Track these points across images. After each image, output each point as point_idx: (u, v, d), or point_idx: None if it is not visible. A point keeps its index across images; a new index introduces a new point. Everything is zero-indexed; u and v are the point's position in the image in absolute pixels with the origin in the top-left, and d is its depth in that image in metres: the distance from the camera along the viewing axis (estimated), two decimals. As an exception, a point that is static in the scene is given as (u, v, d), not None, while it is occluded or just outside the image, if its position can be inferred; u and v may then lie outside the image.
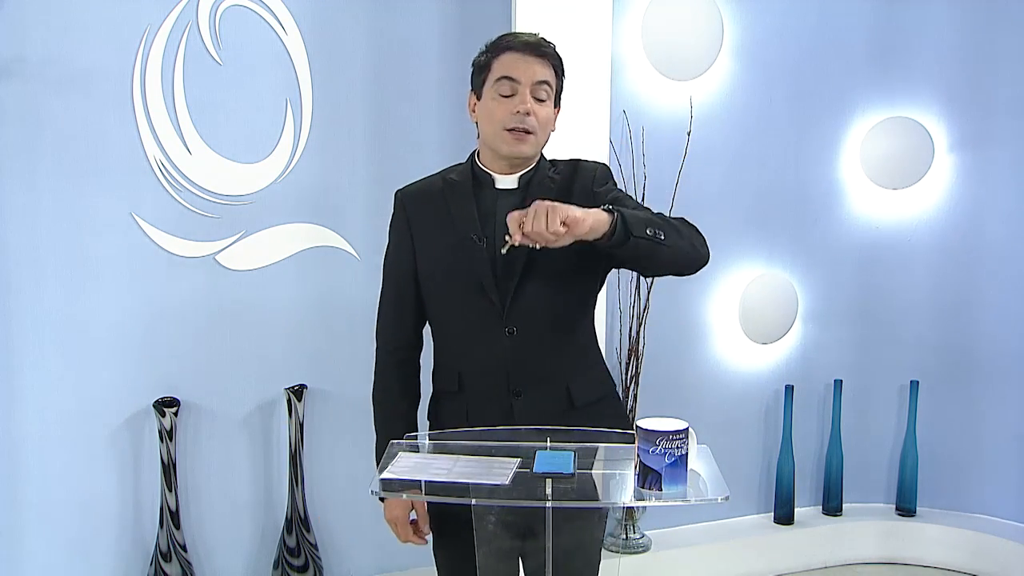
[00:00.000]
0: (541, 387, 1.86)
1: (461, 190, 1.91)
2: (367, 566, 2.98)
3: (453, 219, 1.89)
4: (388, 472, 1.61)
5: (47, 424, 2.56)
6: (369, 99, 2.83)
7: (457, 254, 1.86)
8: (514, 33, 1.93)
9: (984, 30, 3.27)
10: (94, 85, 2.51)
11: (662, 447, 1.46)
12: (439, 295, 1.92)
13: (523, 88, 1.83)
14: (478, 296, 1.84)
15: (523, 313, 1.84)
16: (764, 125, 3.28)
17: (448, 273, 1.88)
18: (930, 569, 3.36)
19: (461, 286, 1.86)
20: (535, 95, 1.84)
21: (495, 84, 1.85)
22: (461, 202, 1.90)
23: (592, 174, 1.93)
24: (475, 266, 1.84)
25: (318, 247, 2.82)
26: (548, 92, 1.86)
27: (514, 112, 1.82)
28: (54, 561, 2.61)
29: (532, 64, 1.84)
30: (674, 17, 3.05)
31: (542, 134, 1.88)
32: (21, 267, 2.50)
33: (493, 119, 1.86)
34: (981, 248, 3.34)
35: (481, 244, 1.85)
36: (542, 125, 1.86)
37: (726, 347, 3.32)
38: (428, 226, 1.92)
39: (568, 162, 1.97)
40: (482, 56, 1.92)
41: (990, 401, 3.36)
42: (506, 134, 1.84)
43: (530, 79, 1.83)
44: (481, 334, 1.86)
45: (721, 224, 3.26)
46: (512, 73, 1.84)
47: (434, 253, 1.91)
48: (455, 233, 1.87)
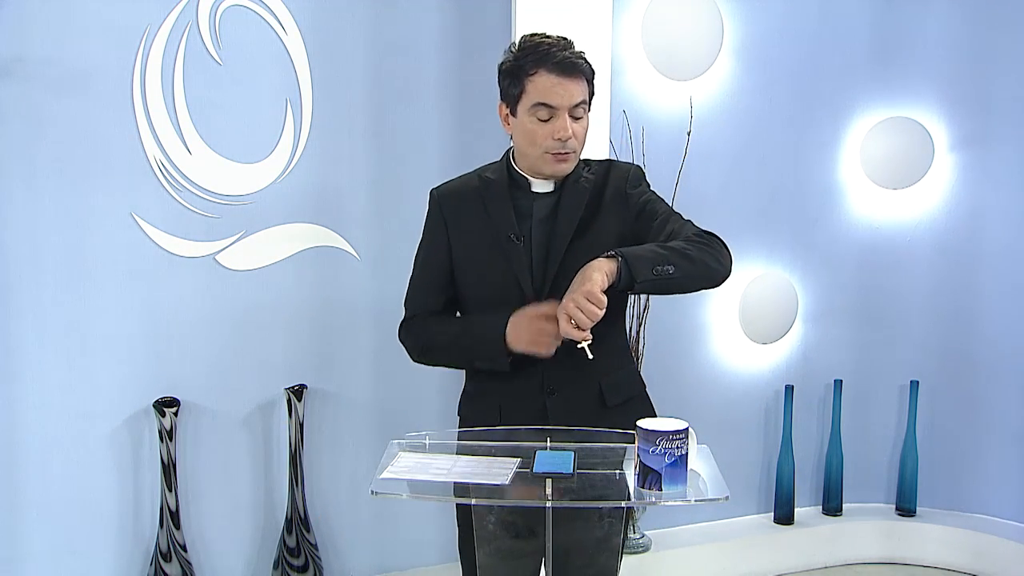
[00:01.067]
0: (574, 386, 1.87)
1: (498, 190, 1.92)
2: (367, 566, 2.98)
3: (491, 219, 1.90)
4: (388, 472, 1.61)
5: (47, 424, 2.56)
6: (369, 99, 2.83)
7: (495, 253, 1.88)
8: (543, 42, 1.84)
9: (984, 30, 3.27)
10: (94, 85, 2.51)
11: (662, 447, 1.46)
12: (476, 293, 1.94)
13: (562, 113, 1.82)
14: (516, 294, 1.86)
15: None
16: (764, 125, 3.28)
17: (486, 272, 1.90)
18: (930, 569, 3.36)
19: (499, 285, 1.88)
20: (573, 115, 1.83)
21: (532, 109, 1.83)
22: (498, 202, 1.90)
23: (625, 175, 1.94)
24: (513, 265, 1.86)
25: (318, 247, 2.82)
26: (584, 108, 1.86)
27: (555, 138, 1.82)
28: (54, 561, 2.61)
29: (568, 87, 1.81)
30: (674, 17, 3.04)
31: (581, 147, 1.90)
32: (21, 267, 2.50)
33: (534, 143, 1.85)
34: (981, 248, 3.34)
35: (519, 243, 1.87)
36: (581, 140, 1.88)
37: (726, 347, 3.32)
38: (465, 225, 1.93)
39: (602, 162, 1.99)
40: (511, 64, 1.86)
41: (990, 401, 3.36)
42: (548, 157, 1.85)
43: (568, 104, 1.82)
44: None
45: (721, 224, 3.21)
46: (550, 100, 1.81)
47: (471, 252, 1.92)
48: (493, 233, 1.89)
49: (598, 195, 1.91)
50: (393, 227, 2.88)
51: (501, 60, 1.88)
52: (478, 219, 1.92)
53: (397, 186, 2.88)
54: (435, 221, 1.98)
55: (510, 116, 1.89)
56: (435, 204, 1.99)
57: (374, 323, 2.89)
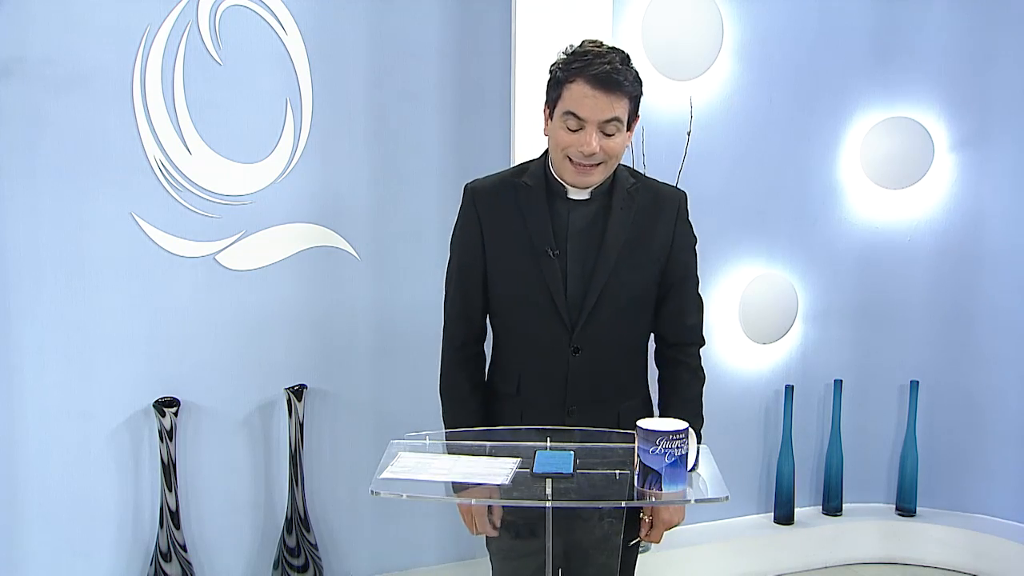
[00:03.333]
0: (594, 407, 1.87)
1: (535, 198, 1.86)
2: (367, 566, 2.98)
3: (528, 228, 1.85)
4: (388, 472, 1.61)
5: (47, 424, 2.56)
6: (369, 99, 2.83)
7: (531, 267, 1.84)
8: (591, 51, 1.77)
9: (984, 30, 3.27)
10: (94, 85, 2.51)
11: (662, 447, 1.46)
12: (508, 303, 1.91)
13: (590, 127, 1.75)
14: (549, 312, 1.84)
15: (591, 335, 1.85)
16: (764, 125, 3.28)
17: (520, 284, 1.87)
18: (930, 569, 3.36)
19: (533, 299, 1.85)
20: (603, 130, 1.76)
21: (563, 116, 1.77)
22: (536, 211, 1.85)
23: (676, 208, 1.93)
24: (549, 282, 1.83)
25: (318, 247, 2.82)
26: (619, 125, 1.77)
27: (578, 149, 1.77)
28: (54, 561, 2.61)
29: (600, 101, 1.73)
30: (674, 17, 3.04)
31: (613, 161, 1.82)
32: (21, 267, 2.50)
33: (557, 146, 1.80)
34: (981, 248, 3.34)
35: (555, 259, 1.83)
36: (612, 155, 1.80)
37: (726, 347, 3.32)
38: (501, 231, 1.89)
39: (647, 183, 1.94)
40: (559, 69, 1.80)
41: (990, 401, 3.36)
42: (568, 164, 1.80)
43: (597, 118, 1.74)
44: (546, 348, 1.87)
45: (721, 224, 3.27)
46: (578, 111, 1.74)
47: (507, 262, 1.88)
48: (529, 244, 1.84)
49: (648, 218, 1.87)
50: (393, 227, 2.88)
51: (553, 61, 1.82)
52: (514, 225, 1.87)
53: (397, 186, 2.88)
54: (469, 218, 1.92)
55: (548, 119, 1.84)
56: (470, 200, 1.93)
57: (374, 323, 2.89)
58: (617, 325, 1.87)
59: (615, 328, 1.87)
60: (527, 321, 1.88)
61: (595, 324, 1.85)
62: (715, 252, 3.26)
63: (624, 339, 1.91)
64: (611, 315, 1.85)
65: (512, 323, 1.92)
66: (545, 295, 1.84)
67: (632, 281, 1.86)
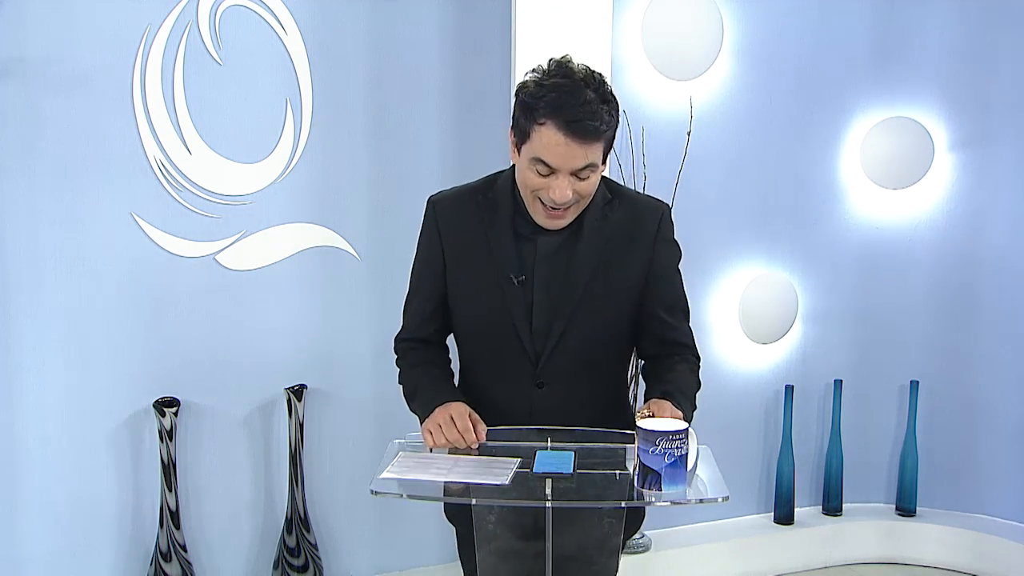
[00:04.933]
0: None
1: (501, 218, 1.74)
2: (367, 566, 2.98)
3: (491, 251, 1.73)
4: (388, 472, 1.61)
5: (47, 424, 2.56)
6: (369, 99, 2.83)
7: (494, 293, 1.72)
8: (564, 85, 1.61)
9: (984, 30, 3.27)
10: (94, 85, 2.51)
11: (662, 447, 1.46)
12: (470, 329, 1.81)
13: (561, 175, 1.62)
14: (513, 342, 1.73)
15: (558, 368, 1.74)
16: (764, 125, 3.28)
17: (483, 311, 1.76)
18: (930, 569, 3.36)
19: (496, 327, 1.74)
20: (576, 175, 1.63)
21: (531, 160, 1.63)
22: (500, 233, 1.73)
23: (656, 225, 1.77)
24: (512, 310, 1.72)
25: (318, 247, 2.82)
26: (593, 168, 1.64)
27: (549, 196, 1.63)
28: (54, 561, 2.61)
29: (574, 150, 1.59)
30: (674, 17, 3.04)
31: (585, 201, 1.69)
32: (21, 267, 2.50)
33: (526, 187, 1.66)
34: (981, 248, 3.34)
35: (519, 286, 1.71)
36: (585, 195, 1.67)
37: (726, 347, 3.32)
38: (463, 251, 1.78)
39: (624, 196, 1.80)
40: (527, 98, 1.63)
41: (990, 401, 3.36)
42: (539, 205, 1.67)
43: (569, 168, 1.61)
44: (508, 378, 1.77)
45: (721, 224, 3.27)
46: (549, 161, 1.60)
47: (469, 286, 1.77)
48: (492, 268, 1.73)
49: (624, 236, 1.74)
50: (393, 227, 2.88)
51: (522, 80, 1.67)
52: (476, 247, 1.75)
53: (397, 186, 2.88)
54: (430, 233, 1.83)
55: (516, 149, 1.69)
56: (431, 213, 1.84)
57: (374, 323, 2.89)
58: (587, 355, 1.75)
59: (585, 358, 1.75)
60: (490, 349, 1.78)
61: (563, 356, 1.73)
62: (715, 252, 3.26)
63: (597, 369, 1.79)
64: (581, 345, 1.73)
65: (475, 350, 1.83)
66: (508, 324, 1.72)
67: (606, 308, 1.73)
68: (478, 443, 1.68)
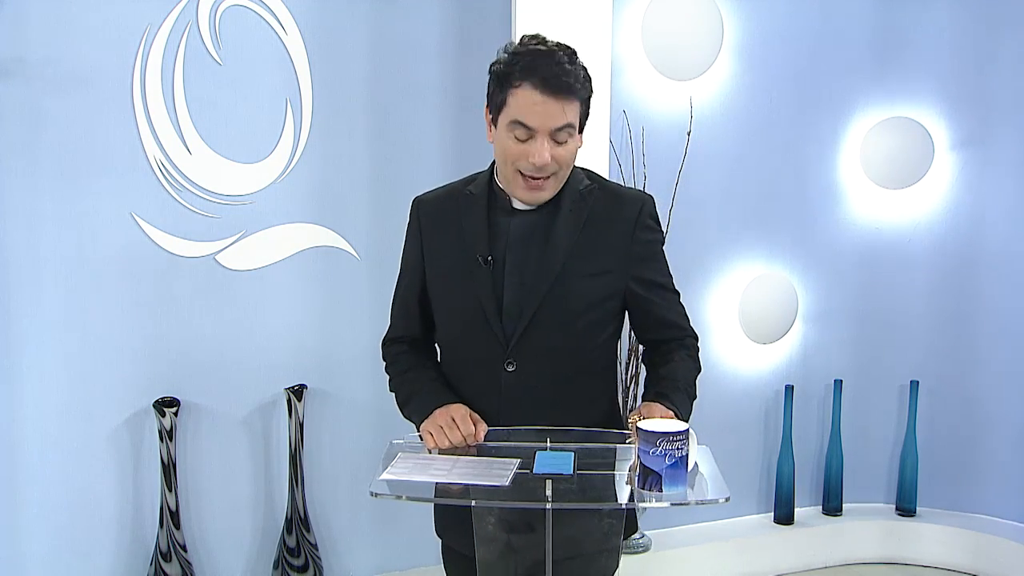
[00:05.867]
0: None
1: (476, 206, 1.75)
2: (367, 566, 2.98)
3: (464, 238, 1.74)
4: (387, 473, 1.61)
5: (47, 424, 2.56)
6: (369, 99, 2.83)
7: (463, 275, 1.73)
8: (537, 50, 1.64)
9: (984, 30, 3.27)
10: (94, 85, 2.51)
11: (662, 448, 1.46)
12: (444, 317, 1.82)
13: (540, 136, 1.62)
14: (481, 324, 1.72)
15: (530, 349, 1.72)
16: (764, 125, 3.28)
17: (454, 296, 1.77)
18: (930, 569, 3.36)
19: (466, 311, 1.74)
20: (555, 138, 1.63)
21: (509, 125, 1.63)
22: (473, 219, 1.74)
23: (637, 211, 1.75)
24: (479, 291, 1.72)
25: (318, 247, 2.82)
26: (571, 131, 1.65)
27: (529, 161, 1.63)
28: (54, 561, 2.61)
29: (551, 107, 1.60)
30: (674, 17, 3.04)
31: (564, 172, 1.69)
32: (21, 267, 2.50)
33: (506, 158, 1.66)
34: (981, 248, 3.34)
35: (488, 267, 1.71)
36: (564, 164, 1.67)
37: (726, 347, 3.32)
38: (438, 241, 1.80)
39: (607, 186, 1.80)
40: (500, 68, 1.65)
41: (990, 401, 3.36)
42: (519, 178, 1.67)
43: (548, 127, 1.61)
44: (480, 362, 1.75)
45: (721, 224, 3.27)
46: (528, 121, 1.61)
47: (441, 273, 1.79)
48: (464, 255, 1.73)
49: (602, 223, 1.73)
50: (393, 227, 2.84)
51: (494, 59, 1.69)
52: (452, 236, 1.76)
53: (397, 186, 2.87)
54: (412, 232, 1.84)
55: (492, 125, 1.70)
56: (414, 213, 1.85)
57: (374, 323, 2.87)
58: (563, 338, 1.72)
59: (561, 341, 1.72)
60: (463, 335, 1.78)
61: (535, 337, 1.70)
62: (715, 252, 3.26)
63: (574, 356, 1.74)
64: (556, 328, 1.71)
65: (449, 339, 1.83)
66: (476, 306, 1.71)
67: (582, 291, 1.71)
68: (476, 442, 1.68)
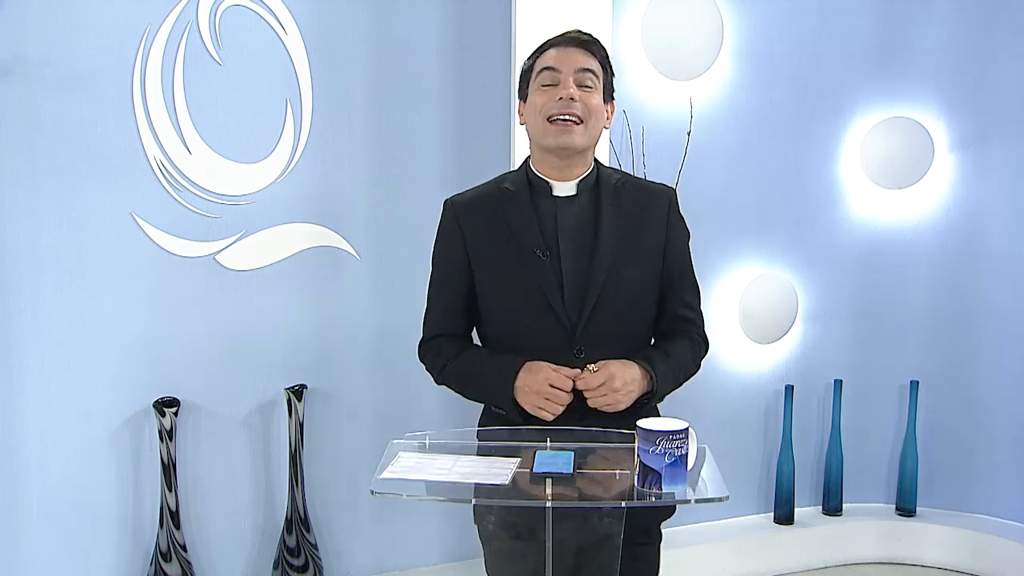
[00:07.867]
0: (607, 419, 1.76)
1: (519, 200, 1.82)
2: (367, 566, 2.98)
3: (513, 233, 1.80)
4: (388, 472, 1.61)
5: (47, 424, 2.56)
6: (369, 99, 2.83)
7: (521, 271, 1.79)
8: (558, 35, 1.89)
9: (984, 30, 3.27)
10: (94, 85, 2.51)
11: (662, 447, 1.46)
12: (503, 314, 1.84)
13: (565, 76, 1.78)
14: (547, 315, 1.78)
15: (595, 335, 1.79)
16: (764, 125, 3.28)
17: (514, 292, 1.80)
18: (930, 569, 3.36)
19: (529, 305, 1.79)
20: (580, 83, 1.78)
21: (537, 77, 1.81)
22: (520, 214, 1.81)
23: (667, 203, 1.88)
24: (543, 284, 1.77)
25: (318, 247, 2.82)
26: (594, 81, 1.80)
27: (557, 99, 1.76)
28: (54, 561, 2.61)
29: (573, 53, 1.80)
30: (674, 17, 3.05)
31: (592, 123, 1.80)
32: (21, 267, 2.50)
33: (536, 110, 1.80)
34: (981, 248, 3.34)
35: (546, 259, 1.78)
36: (591, 113, 1.79)
37: (726, 347, 3.32)
38: (486, 240, 1.83)
39: (632, 181, 1.91)
40: (527, 62, 1.88)
41: (990, 401, 3.36)
42: (549, 125, 1.77)
43: (572, 67, 1.78)
44: (547, 351, 1.78)
45: (721, 224, 3.27)
46: (552, 63, 1.80)
47: (496, 272, 1.82)
48: (517, 248, 1.79)
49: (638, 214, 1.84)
50: (393, 227, 2.88)
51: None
52: (499, 232, 1.81)
53: (397, 186, 2.88)
54: (451, 234, 1.88)
55: (523, 106, 1.86)
56: (451, 215, 1.88)
57: (374, 323, 2.89)
58: (620, 324, 1.82)
59: (618, 327, 1.82)
60: (525, 329, 1.81)
61: (597, 323, 1.79)
62: (715, 252, 3.26)
63: (629, 339, 1.85)
64: (613, 314, 1.81)
65: (510, 335, 1.85)
66: (540, 298, 1.78)
67: (631, 277, 1.81)
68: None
